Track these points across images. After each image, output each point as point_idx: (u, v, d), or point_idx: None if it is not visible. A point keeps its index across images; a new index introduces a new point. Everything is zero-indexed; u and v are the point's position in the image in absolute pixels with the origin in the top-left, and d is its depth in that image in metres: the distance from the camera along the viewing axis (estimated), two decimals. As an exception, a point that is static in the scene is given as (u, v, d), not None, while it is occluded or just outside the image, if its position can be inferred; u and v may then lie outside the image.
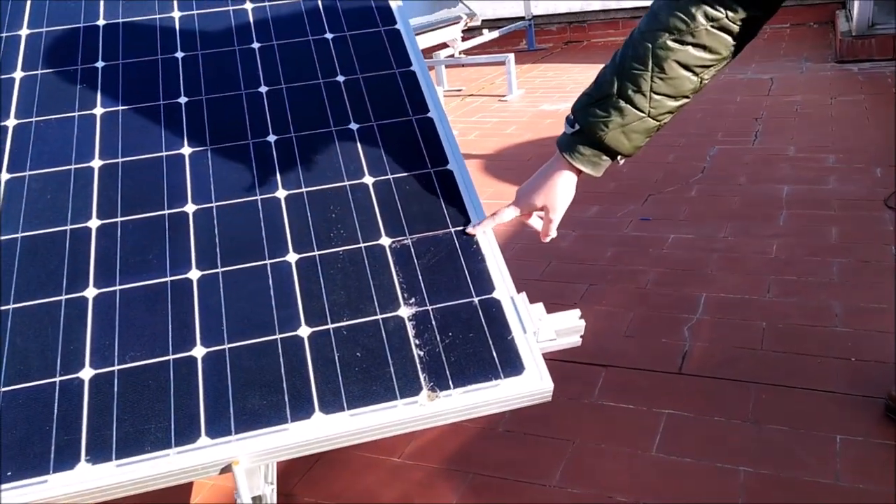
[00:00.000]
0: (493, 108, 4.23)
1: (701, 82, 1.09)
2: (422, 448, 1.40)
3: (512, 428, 1.42)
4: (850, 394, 1.41)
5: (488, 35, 5.22)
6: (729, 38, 1.05)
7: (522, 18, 6.09)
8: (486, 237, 1.25)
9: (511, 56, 4.45)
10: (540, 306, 1.21)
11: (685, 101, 1.11)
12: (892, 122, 3.07)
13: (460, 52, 4.78)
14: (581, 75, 4.85)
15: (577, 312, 1.21)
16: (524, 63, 5.49)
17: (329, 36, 1.58)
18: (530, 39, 6.13)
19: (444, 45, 4.84)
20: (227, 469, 1.00)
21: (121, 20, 1.59)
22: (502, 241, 2.31)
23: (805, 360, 1.53)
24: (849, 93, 3.65)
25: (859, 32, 4.35)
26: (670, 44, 1.05)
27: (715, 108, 3.68)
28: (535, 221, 1.29)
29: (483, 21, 6.32)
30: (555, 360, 1.62)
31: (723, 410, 1.40)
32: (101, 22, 1.59)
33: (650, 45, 1.06)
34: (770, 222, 2.24)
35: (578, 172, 1.18)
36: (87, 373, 1.08)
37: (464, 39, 4.88)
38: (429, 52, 4.92)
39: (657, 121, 1.11)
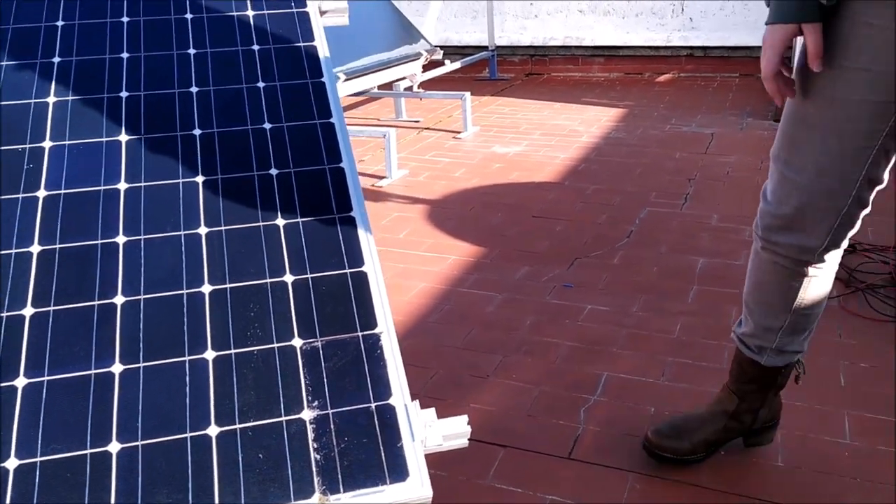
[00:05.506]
0: (447, 145, 4.36)
1: None
2: (326, 522, 1.52)
3: (410, 506, 1.56)
4: (712, 489, 1.58)
5: (450, 66, 5.36)
6: None
7: (486, 48, 6.24)
8: (391, 342, 1.38)
9: (467, 94, 4.59)
10: (432, 412, 1.34)
11: None
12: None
13: (419, 86, 4.91)
14: (536, 115, 5.01)
15: (464, 419, 1.35)
16: (483, 95, 5.63)
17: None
18: (492, 69, 6.29)
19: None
20: (132, 562, 1.12)
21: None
22: (430, 305, 2.44)
23: (682, 450, 1.69)
24: (780, 156, 3.86)
25: (798, 93, 4.58)
26: None
27: (655, 162, 3.86)
28: None
29: (449, 47, 6.46)
30: (460, 436, 1.76)
31: (598, 499, 1.56)
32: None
33: None
34: (680, 297, 2.41)
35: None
36: (12, 462, 1.19)
37: (425, 70, 5.01)
38: (388, 85, 5.03)
39: None
